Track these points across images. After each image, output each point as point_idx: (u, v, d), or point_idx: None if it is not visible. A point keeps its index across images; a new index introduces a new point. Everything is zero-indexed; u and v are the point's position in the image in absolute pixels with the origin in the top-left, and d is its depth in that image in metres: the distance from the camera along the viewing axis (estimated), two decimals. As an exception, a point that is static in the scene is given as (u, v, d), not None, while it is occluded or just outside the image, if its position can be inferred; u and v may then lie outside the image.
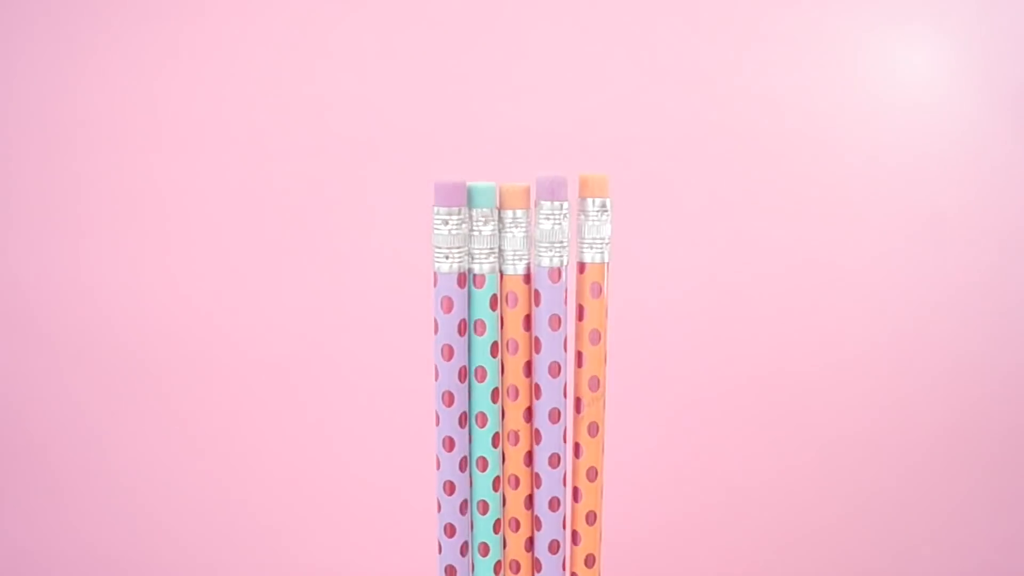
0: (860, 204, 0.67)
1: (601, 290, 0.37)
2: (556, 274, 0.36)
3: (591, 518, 0.39)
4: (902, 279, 0.67)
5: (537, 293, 0.36)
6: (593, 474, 0.39)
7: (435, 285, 0.34)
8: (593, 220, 0.35)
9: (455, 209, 0.33)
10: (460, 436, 0.36)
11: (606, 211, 0.35)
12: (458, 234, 0.34)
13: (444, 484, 0.37)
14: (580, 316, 0.37)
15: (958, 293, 0.67)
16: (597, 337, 0.37)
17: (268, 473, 0.67)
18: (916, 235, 0.67)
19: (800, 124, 0.67)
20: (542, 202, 0.35)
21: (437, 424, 0.36)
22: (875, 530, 0.67)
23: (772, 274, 0.67)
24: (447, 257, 0.34)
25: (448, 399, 0.36)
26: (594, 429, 0.38)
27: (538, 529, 0.39)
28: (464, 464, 0.37)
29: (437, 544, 0.38)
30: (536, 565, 0.39)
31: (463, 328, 0.35)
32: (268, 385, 0.67)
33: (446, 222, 0.33)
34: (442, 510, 0.37)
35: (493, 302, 0.35)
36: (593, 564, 0.40)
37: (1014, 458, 0.67)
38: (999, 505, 0.67)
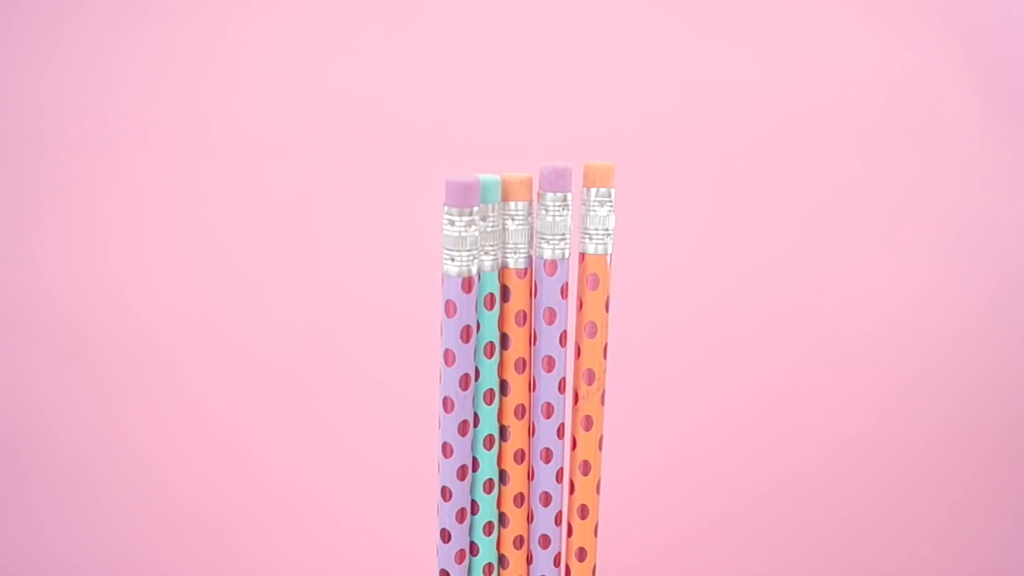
0: (866, 201, 0.66)
1: (599, 282, 0.36)
2: (553, 266, 0.35)
3: (584, 512, 0.38)
4: (903, 275, 0.67)
5: (536, 286, 0.35)
6: (587, 468, 0.38)
7: (443, 287, 0.32)
8: (595, 210, 0.34)
9: (467, 210, 0.31)
10: (459, 444, 0.35)
11: (610, 202, 0.34)
12: (467, 236, 0.32)
13: (441, 490, 0.35)
14: (579, 308, 0.36)
15: (965, 295, 0.67)
16: (594, 330, 0.36)
17: (267, 474, 0.66)
18: (919, 234, 0.66)
19: (804, 121, 0.66)
20: (545, 193, 0.34)
21: (440, 428, 0.34)
22: (876, 531, 0.67)
23: (775, 270, 0.66)
24: (452, 260, 0.32)
25: (449, 405, 0.34)
26: (588, 423, 0.37)
27: (531, 522, 0.38)
28: (463, 473, 0.35)
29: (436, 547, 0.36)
30: (529, 558, 0.38)
31: (466, 334, 0.33)
32: (272, 386, 0.65)
33: (453, 222, 0.31)
34: (440, 514, 0.36)
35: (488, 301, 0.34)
36: (585, 558, 0.39)
37: (1014, 457, 0.67)
38: (999, 504, 0.67)
